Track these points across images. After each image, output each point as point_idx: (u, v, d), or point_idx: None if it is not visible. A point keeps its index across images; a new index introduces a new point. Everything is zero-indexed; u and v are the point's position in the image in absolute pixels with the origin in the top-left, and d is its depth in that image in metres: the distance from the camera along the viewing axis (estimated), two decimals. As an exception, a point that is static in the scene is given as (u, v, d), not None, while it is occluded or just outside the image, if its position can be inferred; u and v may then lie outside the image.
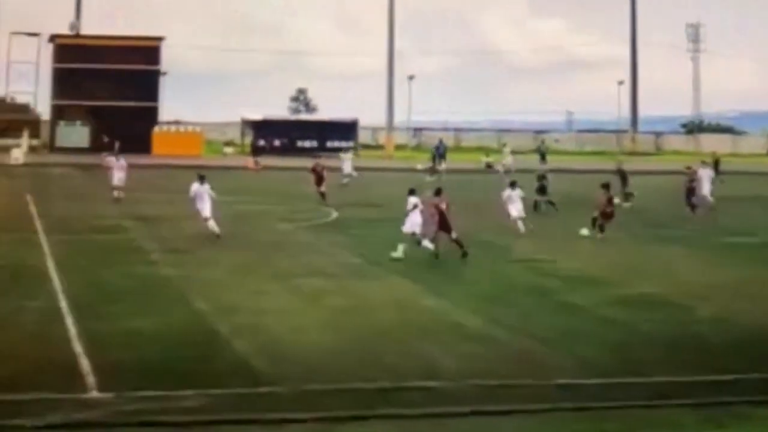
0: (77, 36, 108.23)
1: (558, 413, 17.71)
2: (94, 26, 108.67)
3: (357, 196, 55.79)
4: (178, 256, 32.46)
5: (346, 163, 68.65)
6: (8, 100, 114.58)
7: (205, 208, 37.54)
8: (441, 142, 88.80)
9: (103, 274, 29.56)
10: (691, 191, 50.66)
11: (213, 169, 77.04)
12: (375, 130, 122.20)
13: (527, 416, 17.51)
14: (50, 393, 17.70)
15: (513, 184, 41.33)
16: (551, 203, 48.88)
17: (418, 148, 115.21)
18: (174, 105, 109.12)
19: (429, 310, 25.81)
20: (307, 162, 61.64)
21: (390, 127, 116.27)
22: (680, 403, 18.22)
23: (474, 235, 36.83)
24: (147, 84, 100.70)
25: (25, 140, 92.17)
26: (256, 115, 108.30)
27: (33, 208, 46.35)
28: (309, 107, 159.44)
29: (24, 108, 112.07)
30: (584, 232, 39.63)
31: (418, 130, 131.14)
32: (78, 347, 20.96)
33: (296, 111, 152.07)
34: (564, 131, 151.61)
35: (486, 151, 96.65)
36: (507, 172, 74.47)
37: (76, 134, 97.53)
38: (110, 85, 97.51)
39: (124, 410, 17.01)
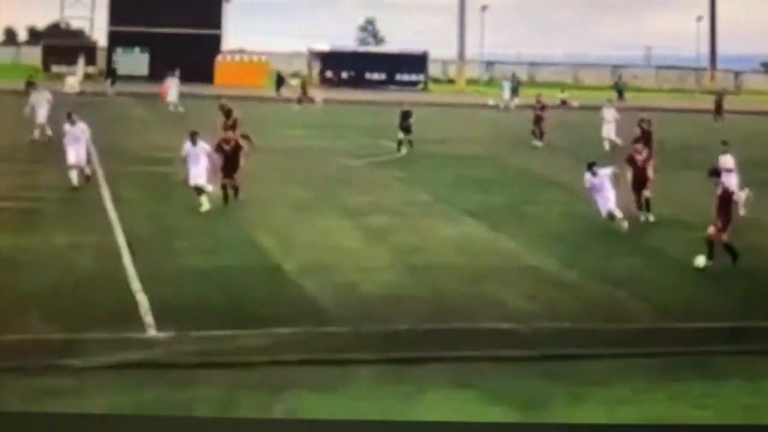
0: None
1: (632, 359, 17.58)
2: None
3: (426, 132, 55.52)
4: (241, 190, 32.44)
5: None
6: (63, 25, 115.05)
7: (199, 173, 30.08)
8: (514, 76, 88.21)
9: (163, 209, 29.67)
10: None
11: (277, 101, 77.42)
12: (445, 63, 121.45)
13: (600, 361, 17.41)
14: (107, 332, 17.83)
15: (591, 166, 28.88)
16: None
17: (490, 82, 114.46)
18: (238, 34, 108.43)
19: (502, 252, 25.70)
20: (376, 95, 61.45)
21: (461, 60, 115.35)
22: (759, 350, 18.08)
23: (551, 175, 36.61)
24: (210, 10, 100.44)
25: (80, 68, 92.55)
26: (324, 46, 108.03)
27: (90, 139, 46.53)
28: (377, 38, 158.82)
29: (79, 34, 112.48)
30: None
31: (490, 64, 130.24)
32: (136, 284, 21.08)
33: (364, 42, 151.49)
34: (642, 67, 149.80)
35: (561, 86, 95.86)
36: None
37: (135, 62, 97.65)
38: (171, 10, 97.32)
39: (184, 350, 17.13)
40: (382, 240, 26.66)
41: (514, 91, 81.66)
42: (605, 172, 28.11)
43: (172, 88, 66.60)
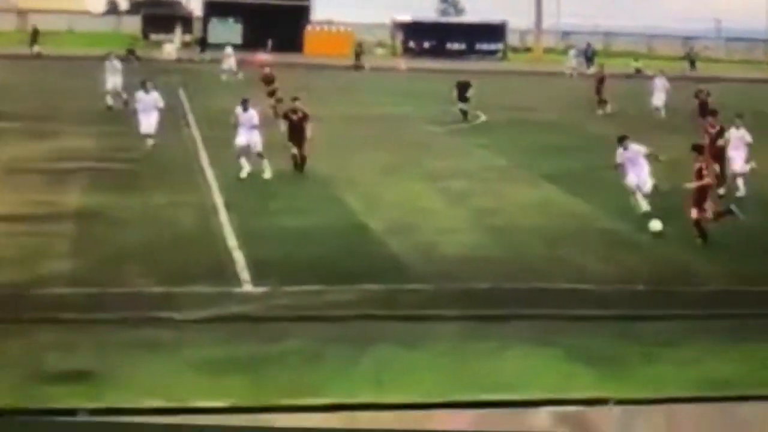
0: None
1: (702, 321, 17.45)
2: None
3: (505, 100, 55.26)
4: (330, 154, 32.51)
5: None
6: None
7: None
8: (589, 45, 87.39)
9: (259, 171, 29.77)
10: None
11: (363, 69, 77.40)
12: (523, 33, 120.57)
13: (671, 322, 17.29)
14: (205, 287, 18.02)
15: (622, 140, 25.86)
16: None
17: (566, 51, 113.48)
18: (326, 5, 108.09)
19: (578, 215, 25.60)
20: (457, 64, 61.14)
21: (539, 30, 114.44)
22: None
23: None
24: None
25: (177, 36, 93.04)
26: (406, 17, 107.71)
27: (186, 103, 46.94)
28: (457, 9, 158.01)
29: (176, 4, 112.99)
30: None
31: (566, 34, 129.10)
32: (232, 241, 21.27)
33: (445, 13, 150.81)
34: (713, 39, 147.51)
35: (635, 56, 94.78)
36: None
37: (229, 31, 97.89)
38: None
39: (278, 304, 17.27)
40: (463, 203, 26.67)
41: (590, 60, 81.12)
42: (638, 148, 25.59)
43: (230, 57, 65.66)
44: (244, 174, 28.44)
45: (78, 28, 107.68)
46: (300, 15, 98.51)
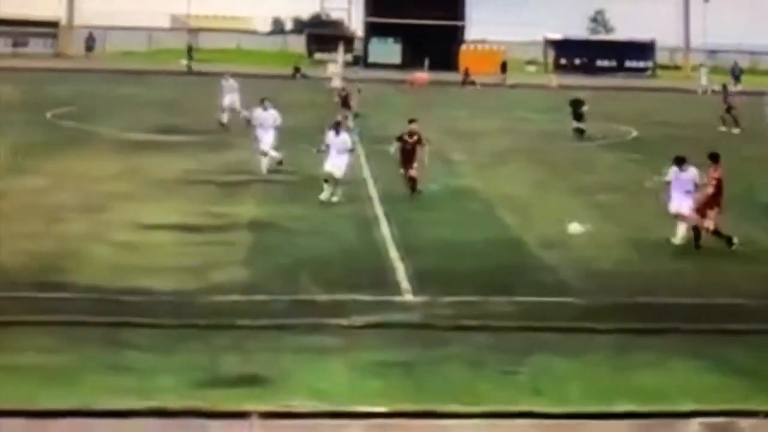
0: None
1: None
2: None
3: (655, 116, 54.43)
4: (485, 169, 32.50)
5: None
6: (323, 16, 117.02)
7: (335, 163, 27.00)
8: (736, 63, 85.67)
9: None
10: None
11: (516, 87, 77.13)
12: (672, 51, 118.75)
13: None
14: (369, 295, 18.13)
15: (680, 161, 23.32)
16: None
17: (714, 69, 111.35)
18: (480, 25, 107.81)
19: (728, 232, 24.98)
20: (606, 81, 60.40)
21: (686, 48, 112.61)
22: None
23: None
24: (454, 3, 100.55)
25: (340, 55, 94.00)
26: (558, 35, 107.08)
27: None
28: (607, 28, 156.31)
29: (339, 24, 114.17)
30: None
31: (712, 52, 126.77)
32: (393, 252, 21.38)
33: (595, 31, 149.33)
34: None
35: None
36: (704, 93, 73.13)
37: (388, 50, 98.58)
38: (421, 4, 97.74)
39: (438, 314, 17.27)
40: (614, 217, 26.32)
41: (737, 78, 79.49)
42: (694, 172, 23.06)
43: (336, 72, 64.72)
44: (323, 197, 26.61)
45: (246, 46, 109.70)
46: (455, 34, 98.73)
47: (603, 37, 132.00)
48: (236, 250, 21.49)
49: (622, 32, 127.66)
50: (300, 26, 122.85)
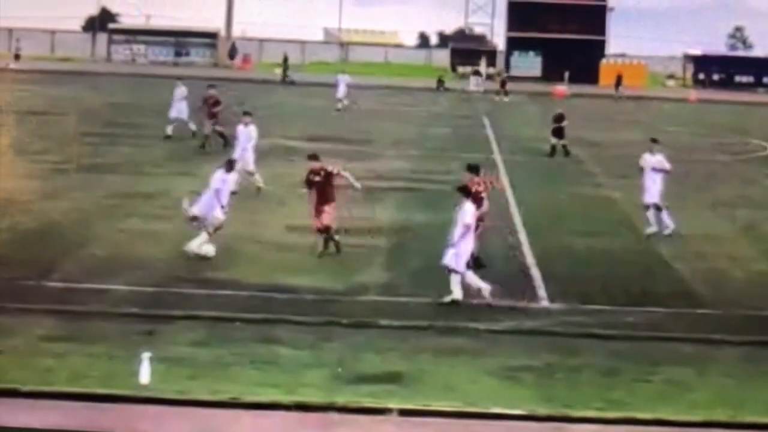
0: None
1: None
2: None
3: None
4: (621, 180, 32.00)
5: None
6: (467, 31, 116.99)
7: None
8: None
9: (554, 194, 29.73)
10: None
11: (655, 99, 75.99)
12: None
13: None
14: (506, 300, 18.03)
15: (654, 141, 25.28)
16: None
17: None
18: (620, 39, 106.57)
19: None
20: (745, 96, 59.18)
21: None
22: None
23: None
24: (595, 18, 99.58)
25: (483, 68, 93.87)
26: (697, 51, 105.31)
27: (489, 131, 47.29)
28: (746, 44, 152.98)
29: (481, 38, 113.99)
30: None
31: None
32: (530, 259, 21.25)
33: (733, 47, 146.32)
34: None
35: None
36: None
37: (529, 64, 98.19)
38: (561, 18, 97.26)
39: (572, 321, 17.14)
40: (750, 231, 25.70)
41: None
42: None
43: (341, 84, 57.47)
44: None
45: (393, 59, 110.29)
46: (596, 48, 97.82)
47: (741, 53, 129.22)
48: (378, 253, 21.60)
49: (761, 49, 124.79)
50: (444, 41, 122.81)
